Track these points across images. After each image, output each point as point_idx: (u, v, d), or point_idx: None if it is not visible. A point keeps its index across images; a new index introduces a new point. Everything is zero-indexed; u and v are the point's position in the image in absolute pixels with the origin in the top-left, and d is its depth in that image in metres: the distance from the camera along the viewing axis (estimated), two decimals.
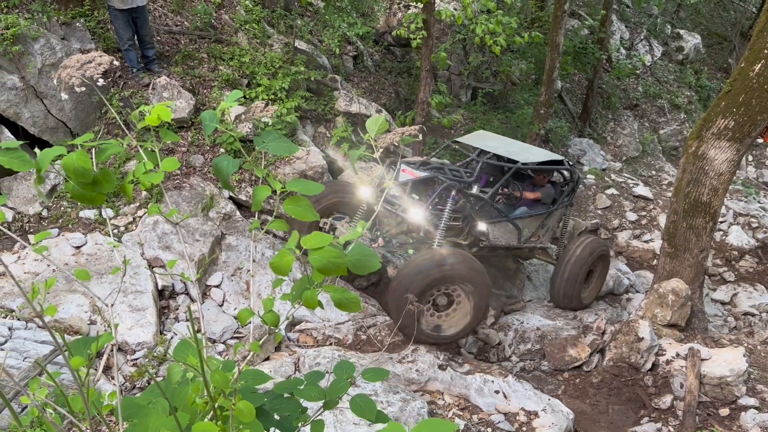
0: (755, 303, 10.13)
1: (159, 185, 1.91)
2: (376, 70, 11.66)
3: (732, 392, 6.69)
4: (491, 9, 8.81)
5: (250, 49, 9.42)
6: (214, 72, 9.01)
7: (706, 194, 7.35)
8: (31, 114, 7.61)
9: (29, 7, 7.95)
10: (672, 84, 16.74)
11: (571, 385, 7.09)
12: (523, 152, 7.99)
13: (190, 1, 9.73)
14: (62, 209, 7.38)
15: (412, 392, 6.17)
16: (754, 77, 6.74)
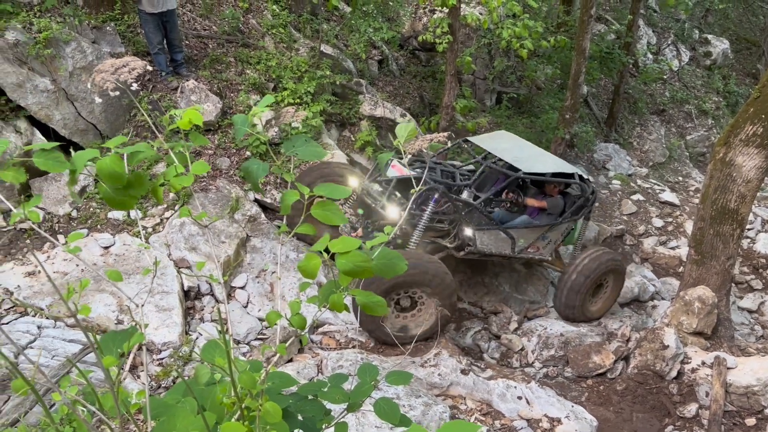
0: None
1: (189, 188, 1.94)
2: (401, 74, 11.66)
3: (759, 402, 6.60)
4: (517, 13, 8.79)
5: (276, 53, 9.47)
6: (241, 76, 9.06)
7: (733, 201, 7.26)
8: (62, 116, 7.71)
9: (61, 11, 8.06)
10: (699, 89, 16.56)
11: (594, 392, 7.03)
12: (532, 160, 7.77)
13: (218, 6, 9.81)
14: (91, 210, 7.47)
15: (434, 396, 6.16)
16: None
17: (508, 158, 7.57)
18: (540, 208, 7.90)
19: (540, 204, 7.88)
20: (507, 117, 11.82)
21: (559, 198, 8.01)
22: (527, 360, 7.54)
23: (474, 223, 7.31)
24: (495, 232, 7.47)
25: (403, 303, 6.83)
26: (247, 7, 10.06)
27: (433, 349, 6.92)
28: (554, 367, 7.42)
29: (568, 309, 8.05)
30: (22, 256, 6.92)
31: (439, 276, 6.69)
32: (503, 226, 7.57)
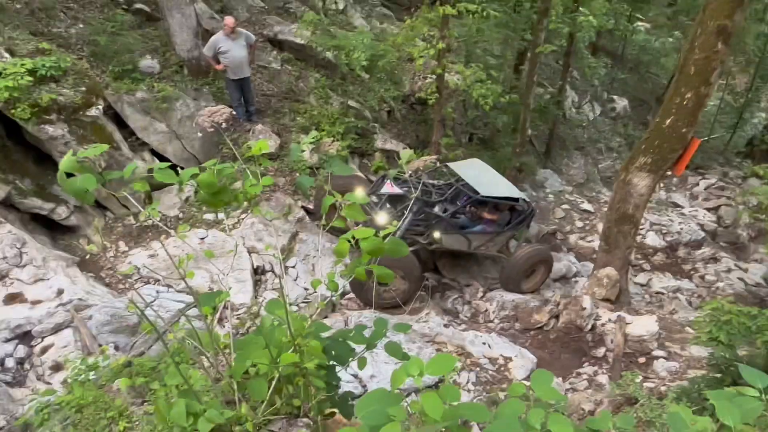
0: (664, 285, 9.98)
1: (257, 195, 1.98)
2: (403, 120, 11.68)
3: (647, 346, 6.61)
4: (483, 79, 8.82)
5: (317, 106, 9.51)
6: (293, 121, 9.11)
7: (631, 209, 7.27)
8: (173, 149, 7.78)
9: (173, 78, 8.15)
10: (607, 133, 16.53)
11: (535, 340, 7.05)
12: (491, 185, 7.58)
13: (278, 75, 9.88)
14: (192, 213, 7.54)
15: (425, 342, 6.20)
16: (665, 128, 6.68)
17: (472, 182, 7.47)
18: (492, 219, 7.79)
19: (492, 217, 7.77)
20: (476, 150, 11.80)
21: (507, 213, 7.93)
22: (489, 318, 7.55)
23: (441, 228, 7.26)
24: (456, 235, 7.44)
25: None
26: (297, 75, 10.12)
27: (424, 311, 6.96)
28: (507, 323, 7.42)
29: (508, 285, 7.93)
30: (146, 243, 7.00)
31: (411, 263, 6.76)
32: (463, 231, 7.50)
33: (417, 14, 8.84)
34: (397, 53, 9.49)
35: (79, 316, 5.41)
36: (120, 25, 8.36)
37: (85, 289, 5.97)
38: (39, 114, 6.11)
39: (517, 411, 1.55)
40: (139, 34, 8.55)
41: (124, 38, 8.13)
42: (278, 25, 10.59)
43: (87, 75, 6.76)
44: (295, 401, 2.11)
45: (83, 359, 2.71)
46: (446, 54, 8.67)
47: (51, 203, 6.61)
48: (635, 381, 5.13)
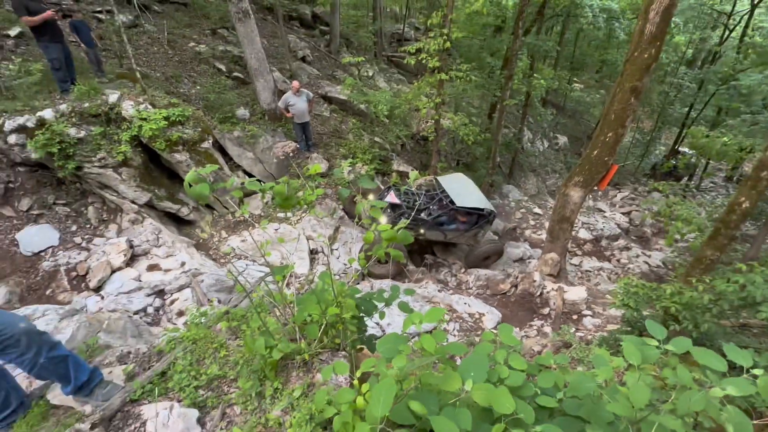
0: (591, 266, 9.70)
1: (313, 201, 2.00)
2: (411, 151, 11.61)
3: (579, 308, 6.46)
4: (466, 123, 8.73)
5: (353, 141, 9.50)
6: (337, 151, 9.11)
7: (568, 213, 7.10)
8: (257, 170, 7.82)
9: (258, 122, 8.20)
10: (552, 160, 16.21)
11: (500, 302, 6.93)
12: (466, 196, 7.22)
13: (328, 120, 9.90)
14: (269, 212, 7.60)
15: (425, 302, 6.14)
16: (593, 157, 6.51)
17: (452, 194, 7.27)
18: (463, 221, 7.56)
19: (463, 219, 7.54)
20: (462, 171, 11.68)
21: (475, 216, 7.63)
22: (469, 286, 7.44)
23: (426, 226, 7.13)
24: (437, 231, 7.26)
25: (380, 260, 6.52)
26: (341, 120, 10.13)
27: (425, 281, 6.91)
28: (482, 290, 7.31)
29: (469, 265, 7.74)
30: (239, 232, 7.07)
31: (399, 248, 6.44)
32: (442, 228, 7.31)
33: (422, 79, 8.79)
34: (408, 105, 9.44)
35: (195, 280, 5.51)
36: (223, 87, 8.49)
37: (199, 262, 6.07)
38: (170, 146, 6.23)
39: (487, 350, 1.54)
40: (236, 93, 8.67)
41: (226, 95, 8.25)
42: (328, 86, 10.64)
43: (201, 120, 6.86)
44: (336, 340, 2.12)
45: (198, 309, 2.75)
46: (441, 106, 8.61)
47: (177, 205, 6.73)
48: (570, 332, 5.03)
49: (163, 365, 2.15)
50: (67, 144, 5.56)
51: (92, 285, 5.28)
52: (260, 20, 11.85)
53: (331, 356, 2.14)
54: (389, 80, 13.54)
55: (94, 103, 5.91)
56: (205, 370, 2.09)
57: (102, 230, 6.09)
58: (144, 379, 2.06)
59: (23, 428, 1.83)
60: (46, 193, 5.98)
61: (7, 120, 5.38)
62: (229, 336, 2.41)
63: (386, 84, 12.76)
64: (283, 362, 1.96)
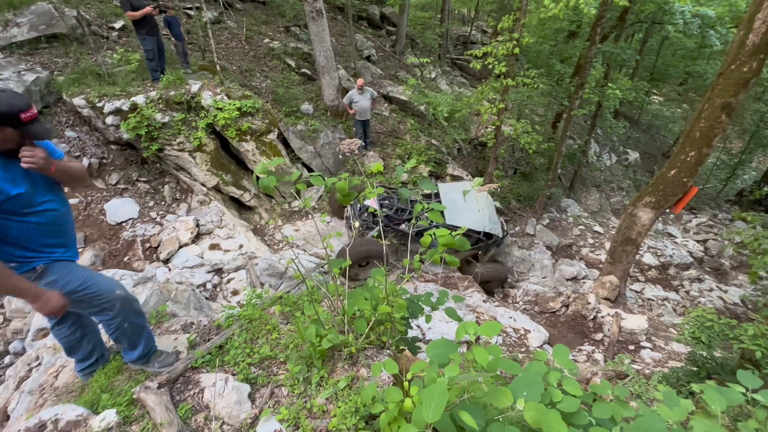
0: (654, 295, 8.93)
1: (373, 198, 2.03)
2: (468, 155, 11.42)
3: (637, 338, 5.98)
4: (529, 131, 8.41)
5: (410, 142, 9.49)
6: (393, 151, 9.16)
7: (634, 234, 6.60)
8: (316, 164, 8.07)
9: (321, 117, 8.44)
10: (620, 176, 15.11)
11: (548, 321, 6.61)
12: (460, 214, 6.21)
13: (387, 119, 10.00)
14: (323, 205, 7.81)
15: (469, 311, 6.02)
16: (670, 177, 5.99)
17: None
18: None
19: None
20: (518, 181, 11.30)
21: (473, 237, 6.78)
22: (516, 300, 7.19)
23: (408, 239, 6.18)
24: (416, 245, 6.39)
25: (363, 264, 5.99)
26: (399, 120, 10.18)
27: (470, 289, 6.76)
28: (529, 305, 7.02)
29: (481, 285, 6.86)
30: (293, 222, 7.36)
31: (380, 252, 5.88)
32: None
33: (486, 83, 8.59)
34: (468, 109, 9.27)
35: (250, 263, 5.83)
36: (291, 82, 8.88)
37: (255, 246, 6.41)
38: (240, 135, 6.64)
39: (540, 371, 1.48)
40: (303, 89, 9.03)
41: (293, 90, 8.62)
42: (390, 86, 10.74)
43: (269, 112, 7.23)
44: (383, 338, 2.14)
45: (253, 290, 2.91)
46: (504, 111, 8.36)
47: (241, 190, 7.16)
48: (625, 362, 4.67)
49: (221, 339, 2.30)
50: (153, 127, 6.13)
51: (162, 257, 5.79)
52: (331, 19, 12.24)
53: (376, 353, 2.17)
54: (451, 83, 13.39)
55: (179, 92, 6.45)
56: (258, 349, 2.21)
57: (174, 208, 6.64)
58: (204, 349, 2.22)
59: (101, 378, 2.06)
60: (131, 171, 6.64)
61: (107, 103, 6.04)
62: (282, 320, 2.52)
63: (448, 87, 12.63)
64: (330, 352, 2.02)
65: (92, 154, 6.32)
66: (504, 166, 11.55)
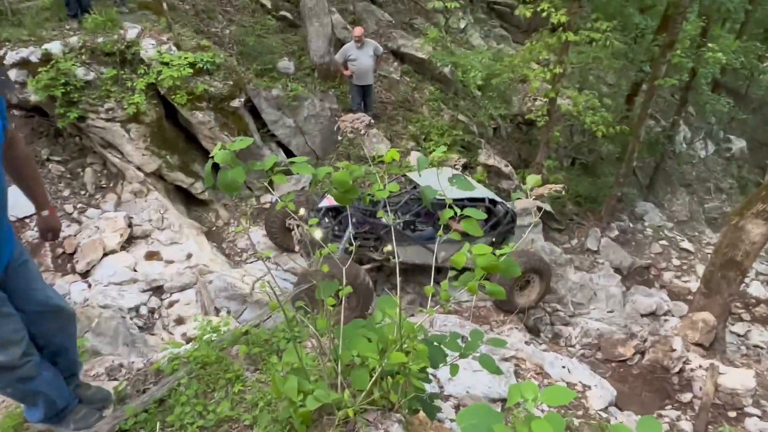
0: (764, 339, 8.92)
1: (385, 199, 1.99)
2: (507, 138, 11.41)
3: (740, 401, 5.93)
4: (595, 107, 8.39)
5: (428, 117, 9.51)
6: (405, 129, 9.16)
7: (740, 256, 6.56)
8: (296, 143, 8.10)
9: (305, 79, 8.50)
10: (719, 173, 15.08)
11: (616, 373, 6.57)
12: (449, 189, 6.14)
13: (396, 85, 10.01)
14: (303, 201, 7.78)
15: (504, 356, 5.99)
16: None
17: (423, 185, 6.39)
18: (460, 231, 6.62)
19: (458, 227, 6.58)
20: (577, 175, 11.29)
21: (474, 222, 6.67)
22: (570, 342, 7.15)
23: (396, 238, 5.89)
24: (416, 247, 6.33)
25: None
26: (414, 87, 10.19)
27: (507, 324, 6.74)
28: (589, 350, 6.99)
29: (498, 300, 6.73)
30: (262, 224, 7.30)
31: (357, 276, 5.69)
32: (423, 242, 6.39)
33: (536, 38, 8.56)
34: (511, 74, 9.25)
35: (202, 280, 5.82)
36: (266, 29, 8.88)
37: (209, 257, 6.40)
38: (193, 101, 6.65)
39: None
40: (281, 38, 9.03)
41: (267, 41, 8.63)
42: (402, 39, 10.74)
43: (234, 70, 7.24)
44: (391, 396, 2.10)
45: (208, 321, 2.89)
46: (561, 79, 8.33)
47: (191, 178, 7.15)
48: None
49: (162, 390, 2.27)
50: (73, 87, 6.13)
51: (79, 268, 5.78)
52: None
53: (380, 417, 2.13)
54: (487, 36, 13.38)
55: (110, 39, 6.45)
56: (214, 407, 2.18)
57: (98, 200, 6.63)
58: (138, 404, 2.19)
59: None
60: (40, 146, 6.64)
61: (9, 51, 6.04)
62: (248, 365, 2.49)
63: (482, 41, 12.62)
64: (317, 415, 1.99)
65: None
66: (558, 155, 11.53)
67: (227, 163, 1.69)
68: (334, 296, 2.08)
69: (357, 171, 1.98)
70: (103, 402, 2.27)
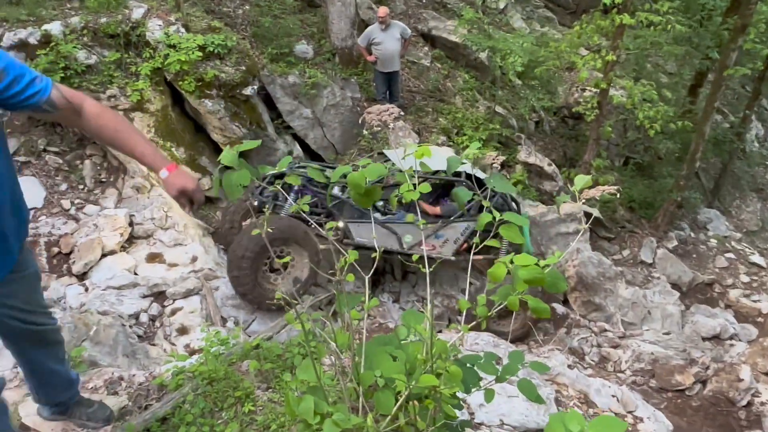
0: None
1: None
2: (551, 133, 11.31)
3: None
4: (653, 99, 8.24)
5: (462, 109, 9.50)
6: (435, 122, 9.17)
7: None
8: (314, 136, 8.15)
9: (324, 65, 8.57)
10: None
11: (672, 404, 6.45)
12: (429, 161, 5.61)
13: (426, 72, 10.01)
14: None
15: (543, 380, 5.92)
16: None
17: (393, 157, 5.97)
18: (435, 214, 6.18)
19: (433, 210, 6.19)
20: (630, 177, 11.11)
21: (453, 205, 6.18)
22: (620, 367, 7.04)
23: (347, 215, 5.88)
24: (375, 226, 5.83)
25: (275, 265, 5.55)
26: (446, 74, 10.18)
27: (548, 345, 6.69)
28: (642, 377, 6.88)
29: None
30: None
31: (302, 232, 5.50)
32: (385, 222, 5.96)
33: (586, 20, 8.46)
34: (557, 60, 9.17)
35: (208, 286, 5.91)
36: (283, 9, 8.99)
37: (215, 260, 6.49)
38: (202, 88, 6.75)
39: None
40: (299, 19, 9.13)
41: (284, 22, 8.73)
42: (434, 20, 10.74)
43: (248, 55, 7.33)
44: (419, 423, 2.10)
45: (216, 332, 2.93)
46: (614, 67, 8.23)
47: (198, 173, 7.26)
48: None
49: (166, 408, 2.31)
50: (73, 72, 6.29)
51: (76, 269, 5.92)
52: None
53: None
54: (530, 18, 13.30)
55: (113, 19, 6.60)
56: (222, 428, 2.21)
57: (97, 195, 6.79)
58: (139, 423, 2.24)
59: None
60: (36, 136, 6.82)
61: (7, 32, 6.24)
62: (259, 383, 2.52)
63: (524, 24, 12.55)
64: None
65: None
66: (609, 153, 11.39)
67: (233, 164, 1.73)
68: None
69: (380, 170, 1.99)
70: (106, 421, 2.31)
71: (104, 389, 2.58)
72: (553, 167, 9.60)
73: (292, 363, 2.63)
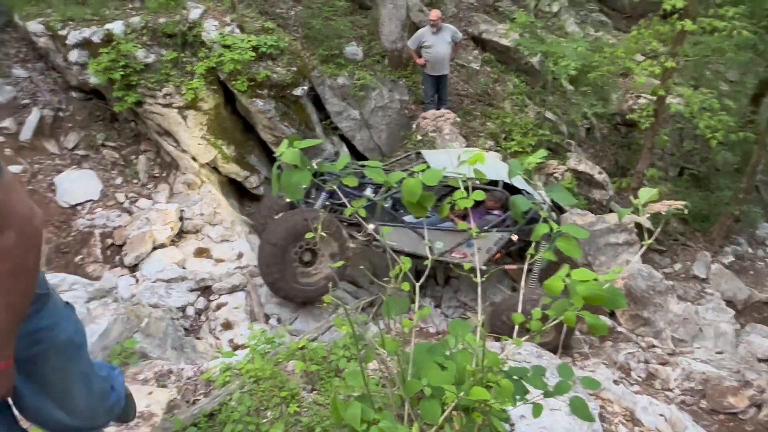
0: None
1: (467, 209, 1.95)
2: (602, 141, 11.02)
3: None
4: (714, 108, 7.93)
5: (511, 114, 9.35)
6: (483, 126, 9.05)
7: None
8: (361, 138, 8.18)
9: (373, 67, 8.59)
10: None
11: (724, 427, 6.18)
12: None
13: (476, 75, 9.91)
14: None
15: (588, 395, 5.76)
16: None
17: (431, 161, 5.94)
18: (489, 209, 6.17)
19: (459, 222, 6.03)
20: (685, 188, 10.72)
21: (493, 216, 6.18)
22: (668, 386, 6.79)
23: (377, 219, 5.83)
24: (403, 230, 5.82)
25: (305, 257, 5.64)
26: (496, 78, 10.05)
27: (593, 359, 6.51)
28: (691, 396, 6.62)
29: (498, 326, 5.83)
30: None
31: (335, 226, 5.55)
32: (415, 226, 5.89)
33: (644, 25, 8.22)
34: (612, 66, 8.93)
35: (252, 282, 6.01)
36: (334, 11, 9.06)
37: None
38: (254, 88, 6.87)
39: None
40: (350, 21, 9.18)
41: (335, 24, 8.79)
42: (485, 23, 10.63)
43: (299, 56, 7.42)
44: None
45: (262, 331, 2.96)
46: (672, 74, 7.96)
47: (246, 171, 7.40)
48: None
49: (213, 404, 2.35)
50: (132, 70, 6.51)
51: (127, 261, 6.12)
52: None
53: None
54: (584, 22, 13.01)
55: (172, 19, 6.80)
56: (267, 427, 2.22)
57: (150, 190, 7.00)
58: (187, 417, 2.27)
59: None
60: (96, 131, 7.09)
61: (73, 31, 6.50)
62: (305, 384, 2.53)
63: (578, 28, 12.28)
64: None
65: (46, 102, 6.82)
66: (664, 162, 11.02)
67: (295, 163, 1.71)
68: None
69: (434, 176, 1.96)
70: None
71: (154, 381, 2.64)
72: (604, 175, 9.35)
73: (337, 366, 2.63)
